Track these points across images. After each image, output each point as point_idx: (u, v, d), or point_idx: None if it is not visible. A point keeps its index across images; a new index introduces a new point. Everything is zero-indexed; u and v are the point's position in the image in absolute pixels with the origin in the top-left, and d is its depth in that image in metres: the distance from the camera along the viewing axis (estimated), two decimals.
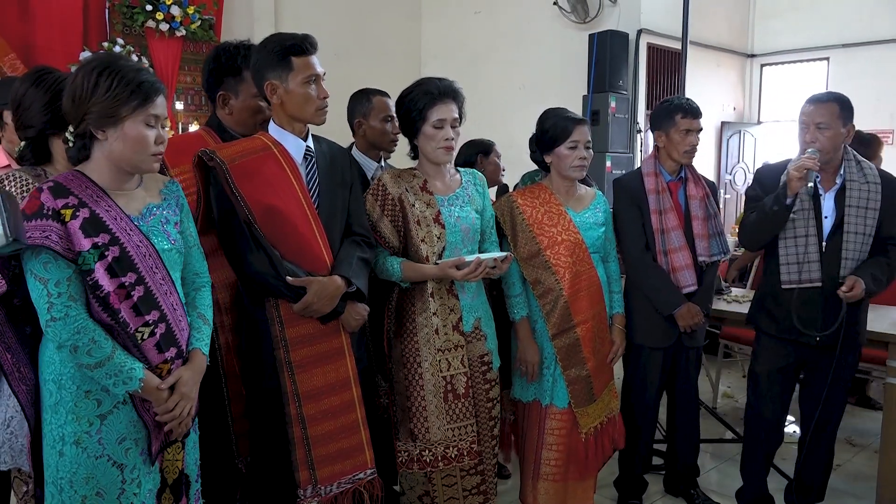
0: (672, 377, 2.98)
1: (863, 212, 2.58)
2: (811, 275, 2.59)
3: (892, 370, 2.95)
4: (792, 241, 2.62)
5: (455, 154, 2.44)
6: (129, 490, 1.68)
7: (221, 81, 2.27)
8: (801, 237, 2.60)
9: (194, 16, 5.77)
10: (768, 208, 2.58)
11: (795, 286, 2.61)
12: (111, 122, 1.64)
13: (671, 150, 2.84)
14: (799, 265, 2.60)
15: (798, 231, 2.61)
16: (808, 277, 2.60)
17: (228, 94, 2.28)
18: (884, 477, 2.97)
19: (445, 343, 2.32)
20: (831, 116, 2.55)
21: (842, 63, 6.93)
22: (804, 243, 2.60)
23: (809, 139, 2.57)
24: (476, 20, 7.09)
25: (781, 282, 2.63)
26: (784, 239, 2.63)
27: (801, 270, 2.60)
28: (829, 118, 2.55)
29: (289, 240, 2.03)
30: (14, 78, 3.04)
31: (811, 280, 2.60)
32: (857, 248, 2.57)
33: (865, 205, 2.58)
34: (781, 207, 2.56)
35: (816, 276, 2.59)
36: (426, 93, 2.30)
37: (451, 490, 2.38)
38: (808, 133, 2.57)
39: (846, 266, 2.57)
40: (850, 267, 2.58)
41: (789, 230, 2.62)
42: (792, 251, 2.62)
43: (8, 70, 5.00)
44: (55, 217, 1.58)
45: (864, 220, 2.57)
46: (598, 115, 5.78)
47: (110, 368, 1.60)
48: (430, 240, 2.32)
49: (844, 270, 2.57)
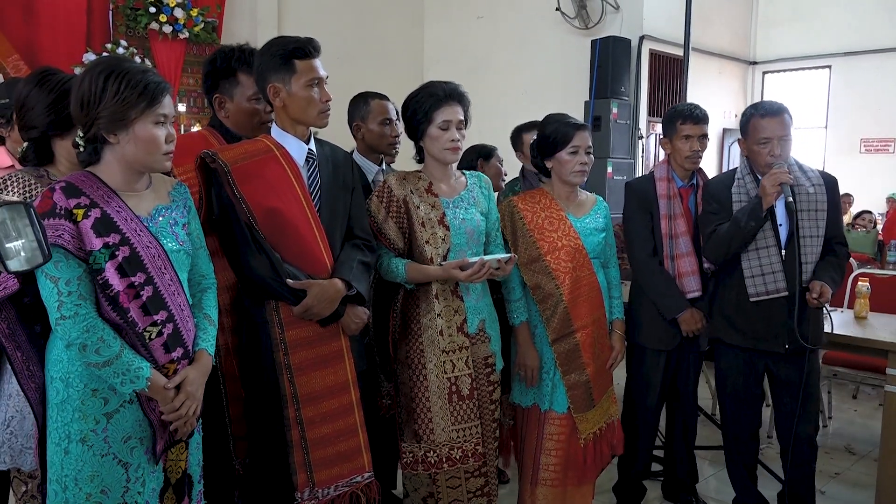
0: (673, 381, 2.99)
1: (814, 215, 2.61)
2: (777, 284, 2.60)
3: (891, 378, 2.95)
4: (755, 254, 2.62)
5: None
6: (133, 489, 1.69)
7: (217, 84, 2.27)
8: (763, 248, 2.61)
9: (197, 18, 5.79)
10: (743, 224, 2.58)
11: (764, 297, 2.62)
12: (121, 125, 1.65)
13: (675, 156, 2.85)
14: (763, 276, 2.61)
15: (759, 243, 2.61)
16: (774, 288, 2.61)
17: (224, 96, 2.27)
18: (883, 485, 2.97)
19: (450, 344, 2.33)
20: (788, 127, 2.60)
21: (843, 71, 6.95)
22: (767, 254, 2.61)
23: (778, 152, 2.58)
24: (478, 25, 7.11)
25: (749, 295, 2.64)
26: (746, 252, 2.64)
27: (766, 282, 2.61)
28: (787, 129, 2.59)
29: (290, 242, 2.03)
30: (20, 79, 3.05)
31: (778, 290, 2.60)
32: (814, 252, 2.61)
33: (815, 207, 2.61)
34: (758, 221, 2.57)
35: (782, 286, 2.60)
36: (431, 95, 2.31)
37: (455, 492, 2.39)
38: (774, 146, 2.58)
39: (807, 270, 2.59)
40: (810, 271, 2.60)
41: (751, 243, 2.62)
42: (755, 263, 2.62)
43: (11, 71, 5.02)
44: (67, 216, 1.60)
45: (815, 223, 2.60)
46: (599, 120, 5.80)
47: (118, 367, 1.61)
48: (435, 242, 2.32)
49: (807, 275, 2.59)
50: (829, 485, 3.37)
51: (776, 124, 2.59)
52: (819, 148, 8.75)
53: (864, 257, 6.56)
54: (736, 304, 2.71)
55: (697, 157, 2.84)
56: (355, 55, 6.56)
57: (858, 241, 6.91)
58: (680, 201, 2.85)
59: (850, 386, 4.73)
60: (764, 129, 2.60)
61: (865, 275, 4.06)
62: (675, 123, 2.83)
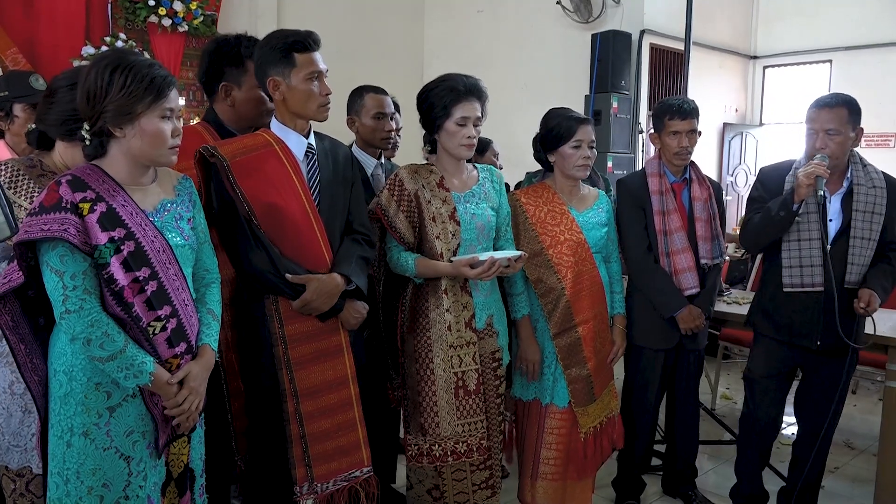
0: (672, 379, 2.98)
1: (869, 216, 2.54)
2: (814, 279, 2.56)
3: (891, 374, 2.95)
4: (796, 245, 2.58)
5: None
6: (134, 483, 1.69)
7: (223, 72, 2.26)
8: (806, 240, 2.56)
9: (196, 11, 5.77)
10: (774, 213, 2.54)
11: (798, 290, 2.59)
12: (128, 119, 1.65)
13: (664, 152, 2.82)
14: (801, 268, 2.57)
15: (802, 234, 2.56)
16: (810, 281, 2.56)
17: (231, 84, 2.26)
18: (882, 481, 2.98)
19: (458, 339, 2.33)
20: (840, 121, 2.50)
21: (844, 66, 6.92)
22: (808, 247, 2.56)
23: (820, 145, 2.51)
24: (479, 19, 7.08)
25: (783, 285, 2.60)
26: (788, 241, 2.59)
27: (803, 274, 2.57)
28: (838, 123, 2.50)
29: (289, 237, 2.03)
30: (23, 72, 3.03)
31: (813, 284, 2.56)
32: (864, 254, 2.55)
33: (872, 209, 2.55)
34: (788, 213, 2.52)
35: (819, 281, 2.55)
36: (451, 89, 2.30)
37: (460, 485, 2.40)
38: (818, 139, 2.51)
39: (852, 271, 2.55)
40: (856, 272, 2.55)
41: (793, 233, 2.57)
42: (795, 254, 2.58)
43: (10, 64, 4.99)
44: (73, 210, 1.60)
45: (870, 224, 2.54)
46: (600, 115, 5.78)
47: (122, 362, 1.61)
48: (445, 237, 2.32)
49: (850, 276, 2.55)
50: (829, 480, 3.37)
51: (823, 116, 2.50)
52: None
53: None
54: (773, 295, 2.67)
55: (686, 153, 2.79)
56: (355, 49, 6.53)
57: None
58: (673, 196, 2.82)
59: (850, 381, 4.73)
60: (812, 119, 2.54)
61: None
62: (663, 118, 2.80)
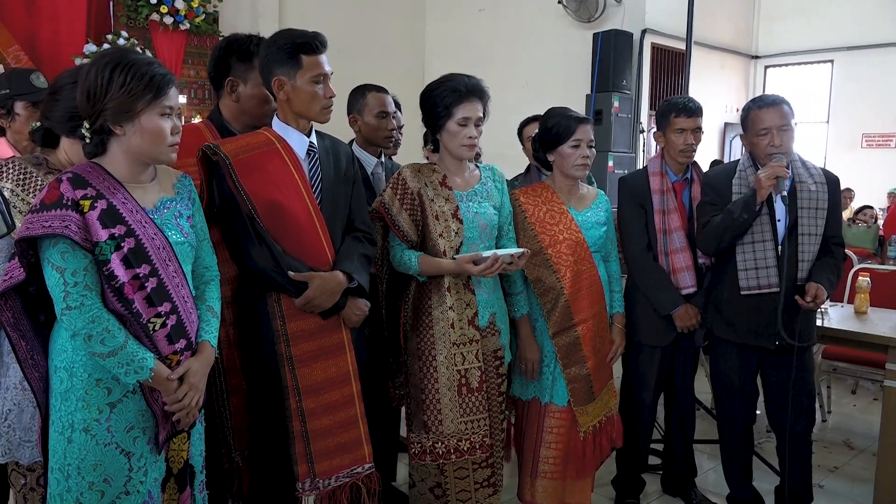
0: (670, 376, 2.99)
1: (814, 212, 2.59)
2: (769, 280, 2.59)
3: (890, 373, 2.96)
4: (749, 247, 2.61)
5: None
6: (135, 478, 1.70)
7: (230, 67, 2.26)
8: (759, 242, 2.59)
9: (198, 9, 5.77)
10: (736, 215, 2.56)
11: (755, 292, 2.61)
12: (127, 116, 1.65)
13: (668, 149, 2.84)
14: (757, 270, 2.60)
15: (756, 236, 2.60)
16: (766, 283, 2.60)
17: (237, 80, 2.26)
18: (881, 480, 2.98)
19: (461, 337, 2.34)
20: (788, 118, 2.56)
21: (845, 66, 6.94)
22: (762, 248, 2.59)
23: (778, 142, 2.55)
24: (480, 18, 7.09)
25: (741, 288, 2.63)
26: (742, 244, 2.62)
27: (759, 276, 2.60)
28: (786, 119, 2.56)
29: (291, 235, 2.03)
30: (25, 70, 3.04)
31: (770, 285, 2.59)
32: (812, 250, 2.59)
33: (816, 205, 2.59)
34: (751, 215, 2.55)
35: (775, 281, 2.58)
36: (453, 90, 2.31)
37: (463, 482, 2.40)
38: (774, 137, 2.55)
39: (803, 268, 2.59)
40: (806, 269, 2.59)
41: (746, 236, 2.61)
42: (750, 257, 2.61)
43: (12, 62, 5.01)
44: (74, 207, 1.60)
45: (815, 220, 2.59)
46: (601, 114, 5.79)
47: (122, 358, 1.62)
48: (448, 235, 2.33)
49: (802, 273, 2.59)
50: (828, 479, 3.38)
51: (774, 114, 2.57)
52: (820, 142, 8.74)
53: (865, 252, 6.55)
54: (729, 298, 2.70)
55: (691, 150, 2.82)
56: (356, 48, 6.54)
57: (859, 236, 6.90)
58: (674, 196, 2.84)
59: (850, 381, 4.74)
60: (762, 119, 2.58)
61: (866, 270, 4.07)
62: (668, 116, 2.81)
